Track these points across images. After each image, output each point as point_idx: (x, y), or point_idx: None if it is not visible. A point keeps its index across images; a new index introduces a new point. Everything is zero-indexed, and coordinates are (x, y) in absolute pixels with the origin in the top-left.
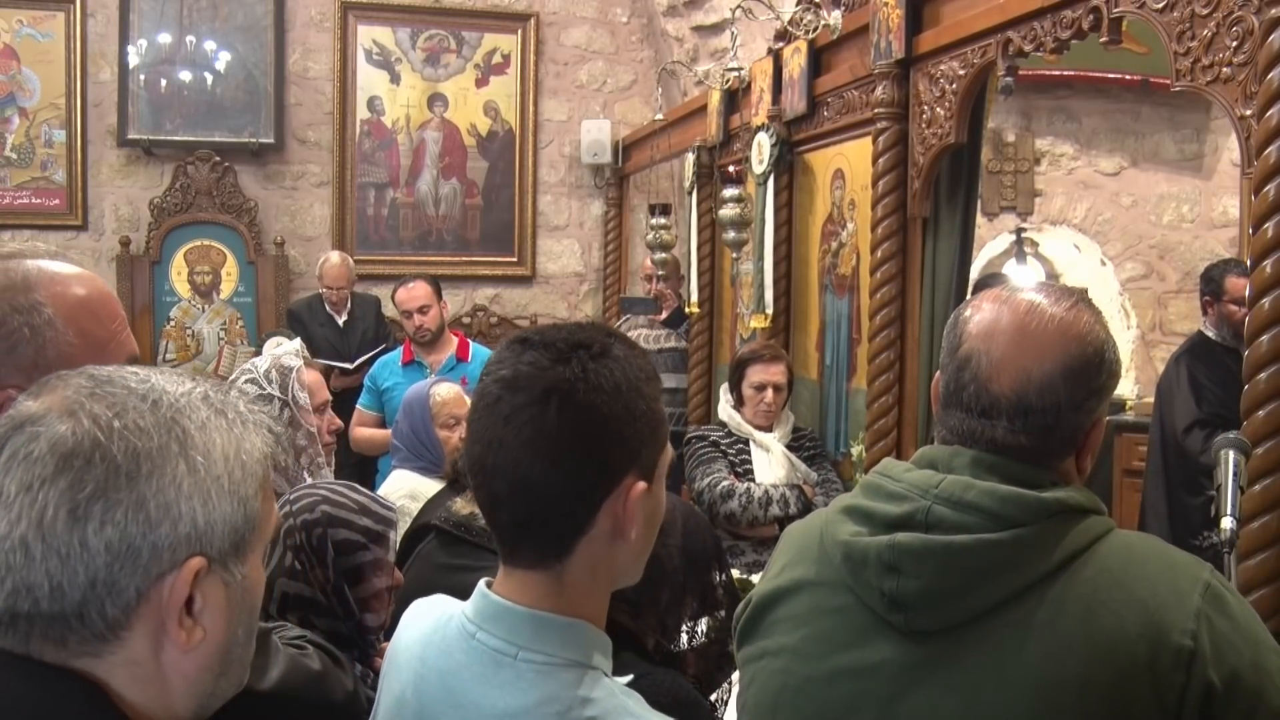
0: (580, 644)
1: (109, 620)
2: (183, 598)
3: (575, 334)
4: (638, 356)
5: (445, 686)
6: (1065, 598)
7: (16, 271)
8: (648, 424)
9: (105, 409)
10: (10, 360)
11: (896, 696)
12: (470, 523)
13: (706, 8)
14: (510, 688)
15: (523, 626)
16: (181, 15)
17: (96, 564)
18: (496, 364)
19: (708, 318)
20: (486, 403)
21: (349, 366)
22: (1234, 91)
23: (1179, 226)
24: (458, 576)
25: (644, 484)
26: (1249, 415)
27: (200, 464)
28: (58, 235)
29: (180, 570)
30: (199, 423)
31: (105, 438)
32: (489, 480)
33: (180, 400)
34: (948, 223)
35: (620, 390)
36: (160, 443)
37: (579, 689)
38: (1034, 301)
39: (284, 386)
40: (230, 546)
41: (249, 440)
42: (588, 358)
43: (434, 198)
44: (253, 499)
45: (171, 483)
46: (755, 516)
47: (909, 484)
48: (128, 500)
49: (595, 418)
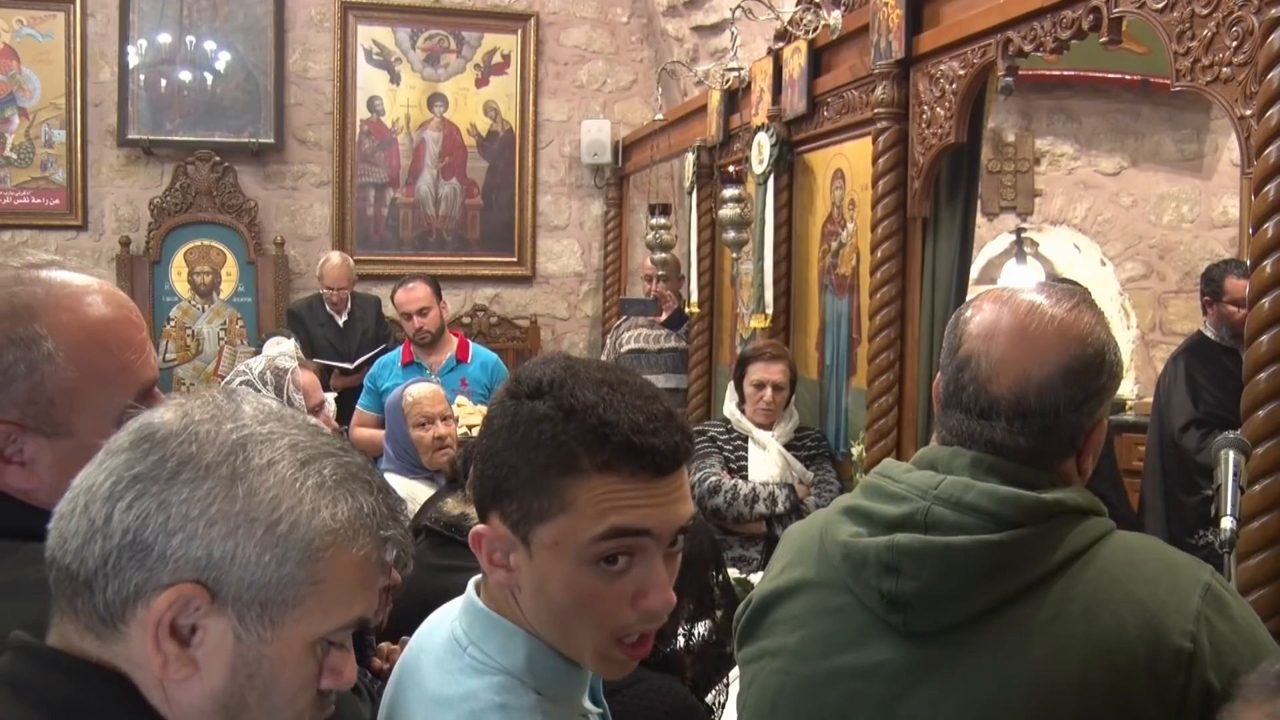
0: (515, 654)
1: (109, 603)
2: (162, 613)
3: (536, 374)
4: (552, 415)
5: (417, 665)
6: (1065, 599)
7: (22, 296)
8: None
9: (203, 413)
10: (4, 395)
11: (895, 697)
12: (461, 523)
13: (706, 8)
14: (452, 677)
15: (478, 624)
16: (181, 15)
17: (112, 542)
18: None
19: (708, 318)
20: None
21: (349, 367)
22: (1234, 91)
23: (1179, 226)
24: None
25: (494, 529)
26: (1249, 415)
27: (240, 498)
28: (58, 235)
29: (173, 588)
30: (266, 460)
31: (177, 434)
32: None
33: (265, 434)
34: (948, 223)
35: (515, 443)
36: (215, 459)
37: (495, 695)
38: (1034, 302)
39: (279, 387)
40: (250, 599)
41: (322, 508)
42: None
43: (434, 198)
44: (293, 565)
45: (202, 499)
46: (740, 513)
47: (908, 485)
48: (158, 496)
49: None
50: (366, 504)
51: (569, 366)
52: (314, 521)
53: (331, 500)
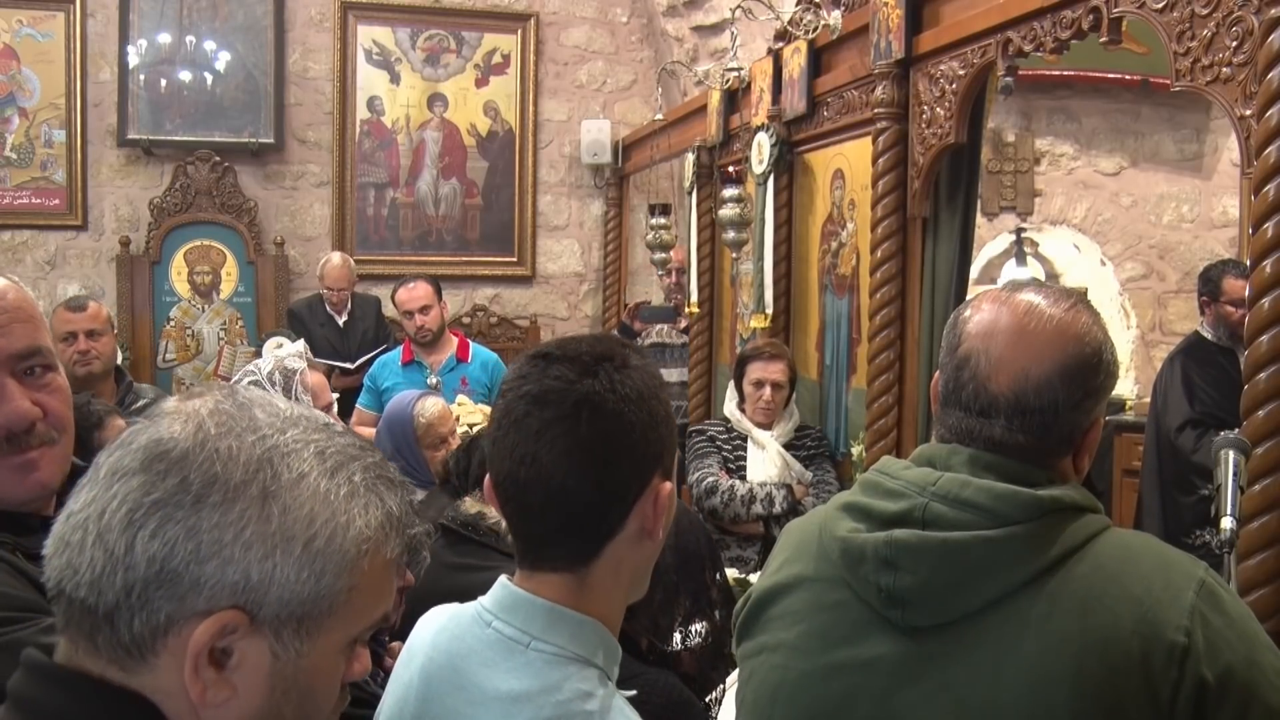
0: (590, 642)
1: (135, 636)
2: (203, 644)
3: (596, 346)
4: (650, 364)
5: (453, 668)
6: (1060, 594)
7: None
8: (666, 426)
9: (216, 425)
10: None
11: (893, 691)
12: (478, 522)
13: (706, 8)
14: (518, 674)
15: (538, 617)
16: (181, 15)
17: (136, 573)
18: (519, 380)
19: (708, 318)
20: (514, 419)
21: (349, 367)
22: (1234, 91)
23: (1179, 226)
24: (464, 575)
25: (669, 483)
26: (1249, 415)
27: (275, 516)
28: (57, 235)
29: (213, 617)
30: (296, 474)
31: (194, 452)
32: (521, 494)
33: (290, 444)
34: (947, 223)
35: (643, 397)
36: (243, 478)
37: (581, 683)
38: (1033, 302)
39: (287, 389)
40: (288, 616)
41: (350, 515)
42: (612, 369)
43: (434, 198)
44: (332, 577)
45: (235, 523)
46: (736, 514)
47: (907, 481)
48: (185, 523)
49: (624, 426)
50: (394, 505)
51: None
52: (350, 532)
53: (364, 508)
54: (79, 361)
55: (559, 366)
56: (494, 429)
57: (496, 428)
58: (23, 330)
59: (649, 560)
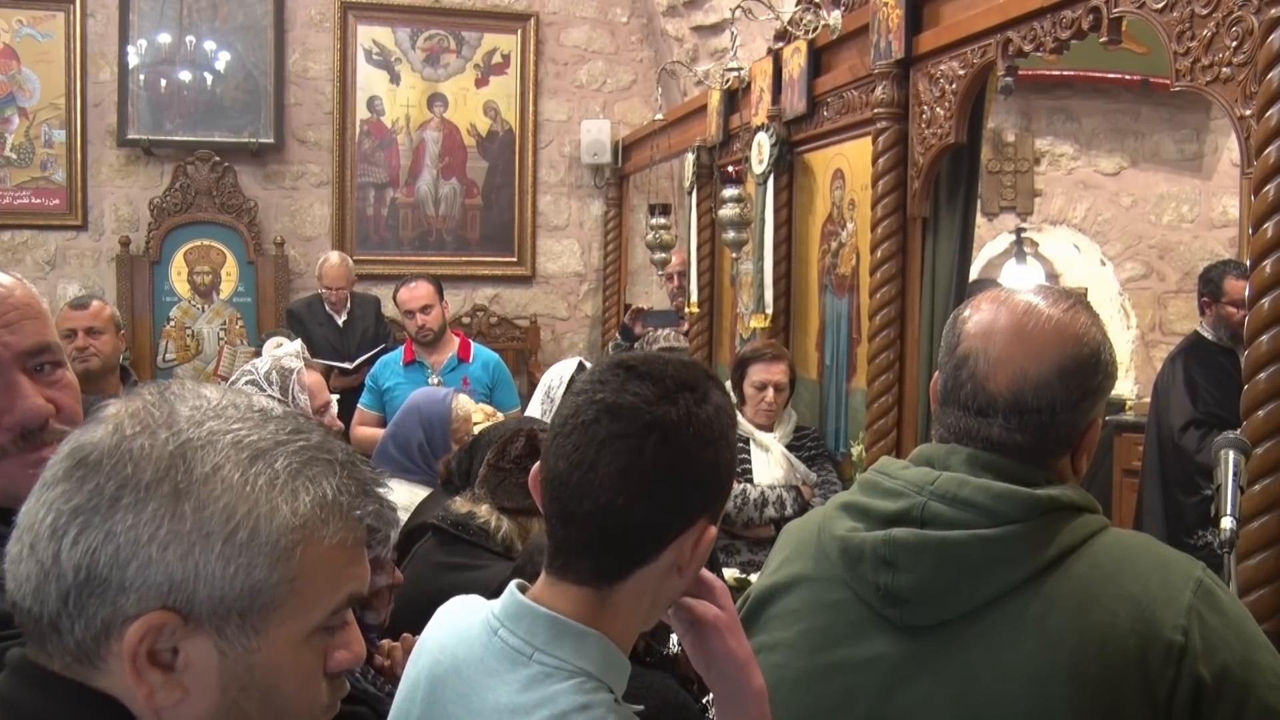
0: (593, 656)
1: (79, 642)
2: (135, 647)
3: (682, 373)
4: (728, 405)
5: (458, 675)
6: (1058, 593)
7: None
8: (726, 472)
9: (134, 425)
10: None
11: (892, 690)
12: (468, 521)
13: (706, 8)
14: (518, 685)
15: (542, 629)
16: (181, 15)
17: (66, 581)
18: (598, 385)
19: (708, 318)
20: (582, 421)
21: (349, 366)
22: (1234, 91)
23: (1179, 226)
24: (455, 575)
25: (714, 528)
26: (1249, 415)
27: (188, 514)
28: (57, 235)
29: (141, 620)
30: (209, 467)
31: (110, 456)
32: (570, 497)
33: (204, 438)
34: (947, 223)
35: (714, 438)
36: (153, 477)
37: (579, 695)
38: (1032, 303)
39: (284, 388)
40: (226, 612)
41: (280, 506)
42: (692, 400)
43: (434, 198)
44: (263, 570)
45: (149, 523)
46: (750, 518)
47: (905, 481)
48: (101, 527)
49: (688, 460)
50: (329, 488)
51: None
52: (275, 522)
53: (290, 494)
54: (76, 358)
55: (640, 384)
56: (558, 424)
57: (561, 424)
58: (32, 326)
59: (674, 595)
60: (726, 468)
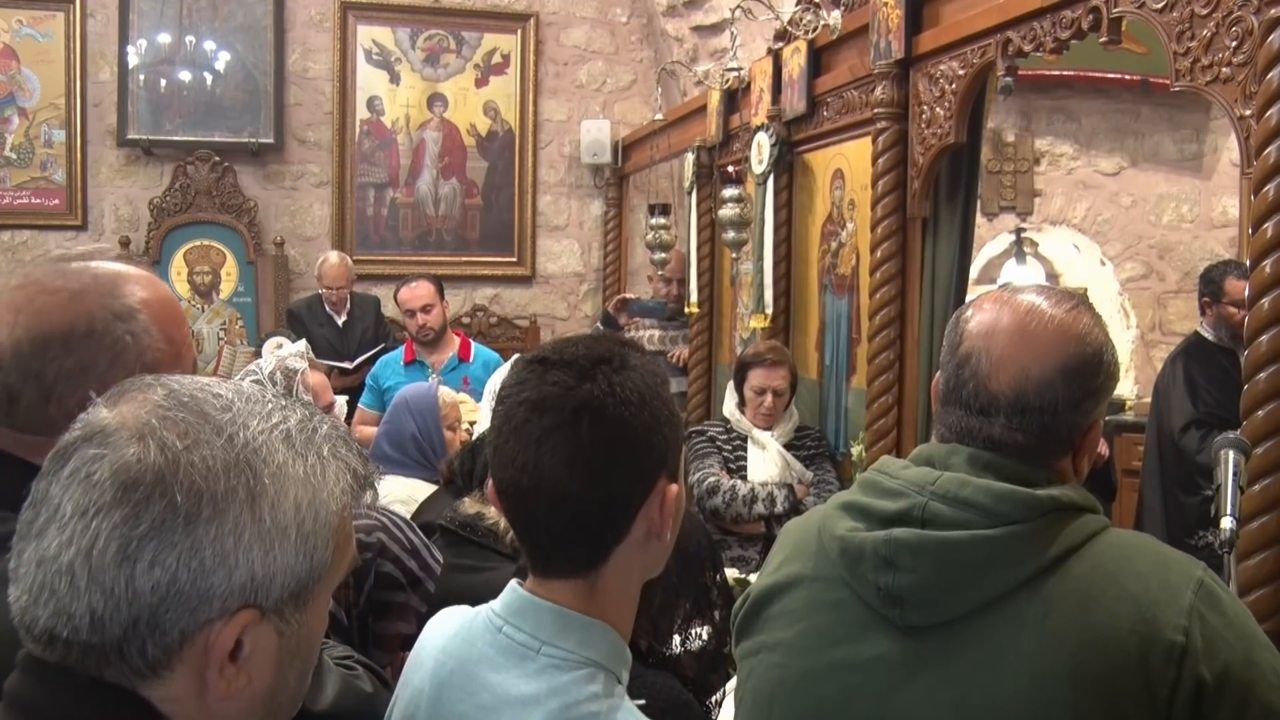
0: (599, 646)
1: (149, 659)
2: (227, 648)
3: (593, 349)
4: (650, 362)
5: (464, 673)
6: (1059, 593)
7: (104, 274)
8: (670, 427)
9: (177, 437)
10: (115, 372)
11: (892, 690)
12: (476, 523)
13: (706, 8)
14: (528, 679)
15: (547, 623)
16: (181, 15)
17: (141, 604)
18: (518, 386)
19: (708, 318)
20: (513, 425)
21: (348, 366)
22: (1234, 91)
23: (1179, 226)
24: (464, 576)
25: (675, 485)
26: (1249, 415)
27: (267, 514)
28: (57, 235)
29: (229, 621)
30: (274, 468)
31: (170, 472)
32: (525, 501)
33: (259, 438)
34: (947, 223)
35: (644, 399)
36: (227, 486)
37: (590, 685)
38: (1034, 303)
39: (288, 389)
40: (289, 596)
41: (328, 489)
42: (610, 372)
43: (434, 198)
44: (321, 550)
45: (232, 531)
46: (739, 514)
47: (906, 480)
48: (183, 544)
49: (626, 430)
50: (352, 460)
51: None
52: (331, 505)
53: (336, 475)
54: None
55: (556, 371)
56: (494, 435)
57: (497, 434)
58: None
59: (659, 561)
60: (669, 422)
